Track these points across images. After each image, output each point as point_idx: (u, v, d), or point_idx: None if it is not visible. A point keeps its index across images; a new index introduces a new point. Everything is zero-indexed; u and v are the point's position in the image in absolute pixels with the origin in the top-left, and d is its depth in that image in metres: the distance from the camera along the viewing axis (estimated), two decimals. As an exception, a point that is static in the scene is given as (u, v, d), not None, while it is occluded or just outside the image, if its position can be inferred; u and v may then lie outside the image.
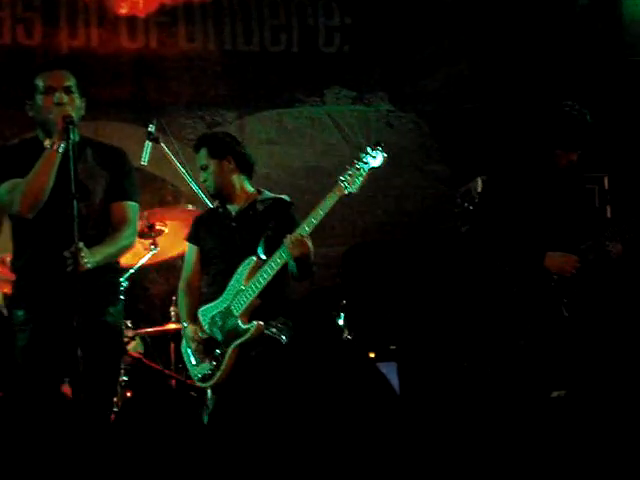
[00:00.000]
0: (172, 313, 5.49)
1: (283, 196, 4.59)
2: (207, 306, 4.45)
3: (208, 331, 4.40)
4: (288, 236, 4.21)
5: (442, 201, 6.52)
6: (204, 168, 4.51)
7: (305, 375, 4.51)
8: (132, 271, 5.22)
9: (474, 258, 4.83)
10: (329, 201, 4.25)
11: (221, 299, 4.40)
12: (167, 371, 5.30)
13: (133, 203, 3.94)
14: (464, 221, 6.11)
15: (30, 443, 3.68)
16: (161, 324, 5.53)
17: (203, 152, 4.52)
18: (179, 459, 4.26)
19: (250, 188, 4.58)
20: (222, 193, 4.54)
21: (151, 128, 5.13)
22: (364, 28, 6.72)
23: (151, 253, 5.31)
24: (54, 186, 3.72)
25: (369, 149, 4.32)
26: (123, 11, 6.40)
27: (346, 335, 5.21)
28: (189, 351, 4.47)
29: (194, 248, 4.62)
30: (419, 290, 6.19)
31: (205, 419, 4.79)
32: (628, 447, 4.16)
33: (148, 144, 5.13)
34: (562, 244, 4.40)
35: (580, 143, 4.45)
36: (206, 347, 4.40)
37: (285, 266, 4.29)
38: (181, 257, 6.11)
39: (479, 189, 5.91)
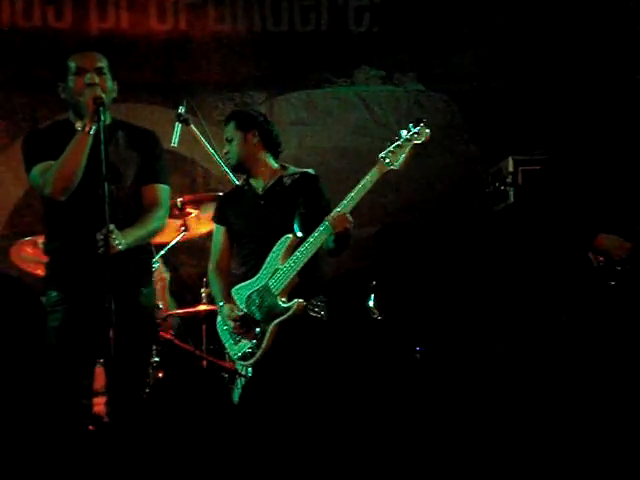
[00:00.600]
0: (203, 294, 5.52)
1: (309, 170, 4.53)
2: (241, 285, 4.42)
3: (245, 310, 4.38)
4: (331, 214, 4.16)
5: (473, 181, 6.47)
6: (229, 140, 4.48)
7: (341, 355, 4.49)
8: (163, 252, 5.25)
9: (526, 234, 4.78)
10: (370, 177, 4.21)
11: (257, 278, 4.35)
12: (198, 352, 5.33)
13: (164, 186, 3.95)
14: (495, 201, 6.08)
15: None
16: (192, 305, 5.56)
17: (230, 125, 4.49)
18: (209, 439, 4.28)
19: (274, 164, 4.52)
20: (244, 166, 4.49)
21: (181, 110, 5.13)
22: (393, 7, 6.67)
23: (181, 235, 5.35)
24: (86, 168, 3.73)
25: (411, 125, 4.25)
26: (152, -7, 6.41)
27: (376, 316, 5.22)
28: (226, 331, 4.45)
29: (221, 228, 4.57)
30: (450, 271, 6.17)
31: (236, 398, 4.82)
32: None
33: (178, 126, 5.12)
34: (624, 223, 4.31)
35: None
36: (243, 325, 4.37)
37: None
38: (210, 237, 6.22)
39: (510, 168, 5.87)
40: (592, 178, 4.38)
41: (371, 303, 5.30)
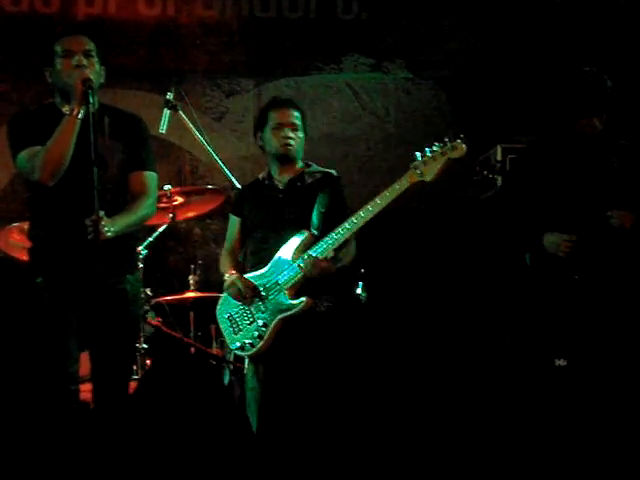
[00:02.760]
0: (191, 282, 5.52)
1: (331, 171, 4.46)
2: (251, 275, 4.33)
3: (250, 300, 4.29)
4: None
5: (460, 169, 6.47)
6: (295, 128, 4.34)
7: (343, 351, 4.42)
8: (151, 239, 5.24)
9: (495, 228, 4.82)
10: (399, 185, 4.10)
11: (267, 270, 4.27)
12: (186, 339, 5.33)
13: (152, 173, 3.92)
14: (483, 189, 6.09)
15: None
16: (180, 292, 5.56)
17: (298, 114, 4.37)
18: (199, 427, 4.27)
19: (300, 163, 4.45)
20: (291, 160, 4.39)
21: (169, 96, 5.11)
22: (382, -5, 6.66)
23: (168, 223, 5.34)
24: (73, 153, 3.70)
25: (447, 138, 4.11)
26: (140, -22, 6.37)
27: (363, 301, 5.22)
28: (226, 319, 4.38)
29: (237, 220, 4.49)
30: (438, 259, 6.18)
31: (226, 381, 4.82)
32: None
33: (166, 112, 5.10)
34: (589, 214, 4.35)
35: (600, 108, 4.39)
36: (245, 315, 4.32)
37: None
38: (197, 223, 6.23)
39: (498, 157, 5.88)
40: (550, 171, 4.43)
41: (359, 290, 5.29)
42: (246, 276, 4.32)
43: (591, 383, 4.24)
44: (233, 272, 4.34)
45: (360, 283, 5.26)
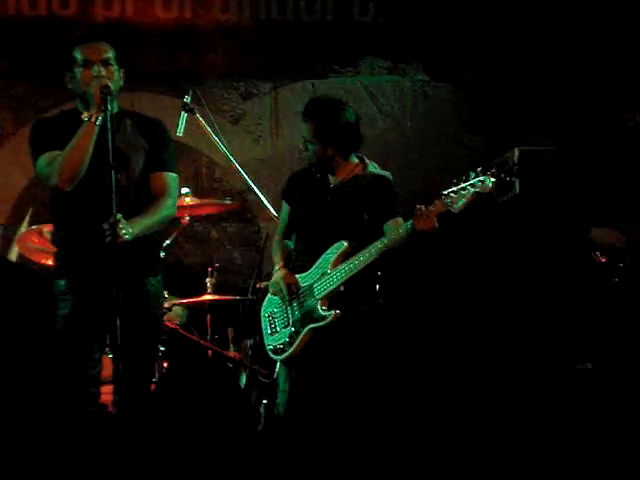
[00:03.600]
0: (208, 284, 5.52)
1: (386, 173, 4.32)
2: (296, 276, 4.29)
3: (287, 304, 4.27)
4: (417, 207, 3.96)
5: (497, 180, 6.45)
6: (307, 141, 4.24)
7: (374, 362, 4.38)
8: (168, 242, 5.25)
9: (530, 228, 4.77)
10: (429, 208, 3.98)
11: (307, 275, 4.22)
12: (203, 342, 5.33)
13: (173, 174, 3.95)
14: (501, 192, 6.06)
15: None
16: (197, 295, 5.56)
17: (309, 126, 4.22)
18: (215, 429, 4.27)
19: (354, 160, 4.30)
20: (321, 167, 4.29)
21: (187, 99, 5.11)
22: (399, -3, 6.66)
23: (185, 226, 5.36)
24: (93, 157, 3.73)
25: (479, 172, 3.98)
26: (157, -19, 6.39)
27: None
28: (267, 318, 4.36)
29: (287, 207, 4.42)
30: (454, 261, 6.16)
31: (242, 384, 4.81)
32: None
33: (184, 115, 5.10)
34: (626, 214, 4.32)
35: None
36: (282, 317, 4.29)
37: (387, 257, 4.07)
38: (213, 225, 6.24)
39: (516, 160, 5.86)
40: (595, 171, 4.40)
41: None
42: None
43: (616, 389, 4.22)
44: (282, 266, 4.30)
45: (377, 286, 5.25)
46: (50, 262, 4.21)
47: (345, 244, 4.13)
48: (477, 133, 6.66)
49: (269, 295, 4.40)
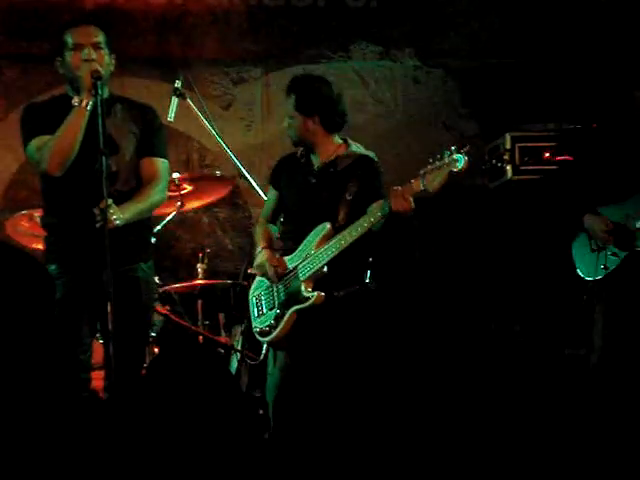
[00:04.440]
0: (199, 270, 5.52)
1: (369, 153, 4.31)
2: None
3: (274, 287, 4.26)
4: (393, 188, 3.95)
5: (469, 158, 6.46)
6: (289, 116, 4.26)
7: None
8: (159, 228, 5.24)
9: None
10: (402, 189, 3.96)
11: (292, 257, 4.22)
12: (194, 327, 5.34)
13: (163, 159, 3.96)
14: (492, 178, 6.08)
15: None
16: (188, 281, 5.56)
17: (291, 100, 4.23)
18: (206, 415, 4.27)
19: (337, 140, 4.28)
20: (303, 143, 4.30)
21: (177, 84, 5.08)
22: (391, -18, 6.63)
23: (176, 211, 5.35)
24: (83, 142, 3.73)
25: (452, 151, 3.90)
26: (148, -35, 6.36)
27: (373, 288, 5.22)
28: (254, 300, 4.35)
29: (274, 192, 4.42)
30: (446, 247, 6.17)
31: (233, 369, 4.82)
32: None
33: (174, 100, 5.08)
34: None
35: None
36: (268, 299, 4.29)
37: (367, 237, 4.05)
38: (204, 211, 6.24)
39: (507, 145, 5.87)
40: (595, 157, 4.40)
41: (367, 279, 5.29)
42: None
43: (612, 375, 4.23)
44: (265, 247, 4.30)
45: (368, 271, 5.25)
46: (40, 247, 4.20)
47: (328, 226, 4.12)
48: (468, 119, 6.66)
49: (257, 277, 4.39)
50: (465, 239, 6.13)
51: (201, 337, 5.33)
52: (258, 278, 4.40)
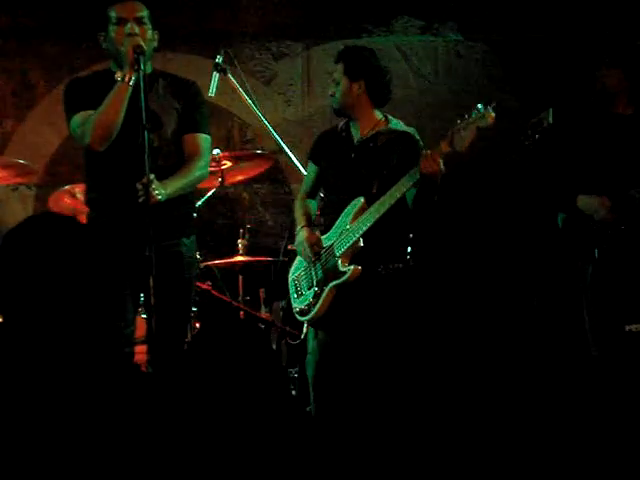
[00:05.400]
0: (240, 246, 5.54)
1: (410, 130, 4.27)
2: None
3: (312, 263, 4.23)
4: (423, 152, 3.92)
5: (511, 133, 6.39)
6: (336, 82, 4.24)
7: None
8: (200, 203, 5.26)
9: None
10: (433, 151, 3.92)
11: (328, 235, 4.21)
12: (235, 303, 5.36)
13: (205, 135, 3.95)
14: (533, 153, 6.01)
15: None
16: (229, 257, 5.58)
17: (340, 66, 4.23)
18: (247, 389, 4.29)
19: (378, 115, 4.25)
20: (345, 112, 4.27)
21: (219, 59, 5.08)
22: (433, -45, 6.56)
23: (217, 187, 5.37)
24: (126, 118, 3.73)
25: (480, 106, 3.88)
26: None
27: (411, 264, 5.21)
28: (294, 281, 4.35)
29: (314, 167, 4.39)
30: (485, 222, 6.14)
31: (274, 345, 4.84)
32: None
33: (215, 75, 5.07)
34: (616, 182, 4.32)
35: (619, 61, 4.38)
36: (306, 279, 4.28)
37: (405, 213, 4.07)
38: (245, 187, 6.25)
39: (550, 120, 5.79)
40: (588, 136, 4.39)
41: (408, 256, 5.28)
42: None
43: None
44: (304, 226, 4.28)
45: (409, 248, 5.24)
46: (83, 223, 4.22)
47: (362, 200, 4.10)
48: (510, 93, 6.58)
49: (297, 258, 4.39)
50: (502, 213, 6.09)
51: (242, 312, 5.35)
52: (297, 260, 4.39)
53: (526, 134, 5.96)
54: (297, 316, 4.35)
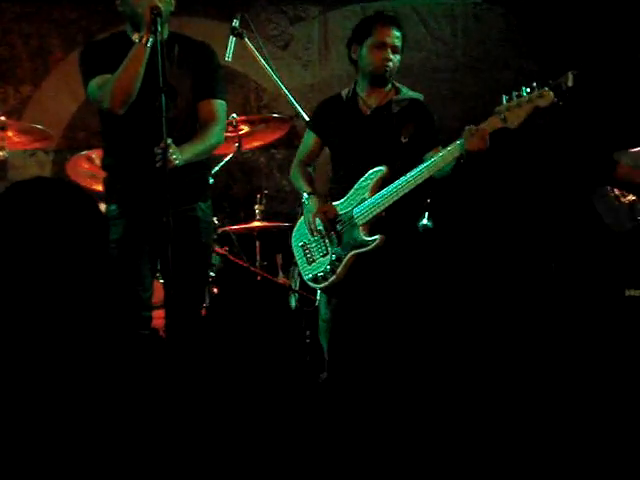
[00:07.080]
0: (257, 211, 5.54)
1: (418, 97, 4.26)
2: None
3: (326, 231, 4.19)
4: (467, 128, 3.88)
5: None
6: (396, 50, 4.17)
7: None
8: (216, 169, 5.25)
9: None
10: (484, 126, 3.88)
11: (344, 202, 4.16)
12: (253, 268, 5.37)
13: (221, 101, 3.93)
14: (553, 117, 5.96)
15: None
16: (246, 222, 5.58)
17: (399, 34, 4.17)
18: (268, 350, 4.31)
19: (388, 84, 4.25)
20: (387, 80, 4.20)
21: (235, 23, 5.04)
22: None
23: (234, 152, 5.36)
24: (143, 82, 3.72)
25: (534, 87, 3.88)
26: None
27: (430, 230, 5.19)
28: (301, 248, 4.31)
29: (313, 136, 4.35)
30: (505, 186, 6.11)
31: (293, 306, 4.84)
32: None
33: (232, 39, 5.03)
34: None
35: None
36: (319, 246, 4.25)
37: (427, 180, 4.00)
38: (262, 153, 6.24)
39: (570, 84, 5.73)
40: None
41: (424, 221, 5.25)
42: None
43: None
44: (311, 192, 4.24)
45: (426, 213, 5.22)
46: (100, 188, 4.23)
47: (384, 169, 4.07)
48: (528, 57, 6.52)
49: (298, 225, 4.36)
50: (522, 175, 6.06)
51: (259, 277, 5.36)
52: (298, 226, 4.35)
53: (551, 87, 5.93)
54: (310, 283, 4.31)
